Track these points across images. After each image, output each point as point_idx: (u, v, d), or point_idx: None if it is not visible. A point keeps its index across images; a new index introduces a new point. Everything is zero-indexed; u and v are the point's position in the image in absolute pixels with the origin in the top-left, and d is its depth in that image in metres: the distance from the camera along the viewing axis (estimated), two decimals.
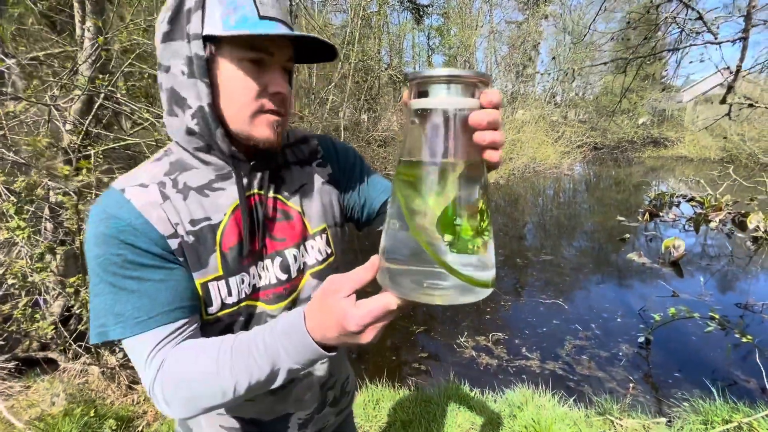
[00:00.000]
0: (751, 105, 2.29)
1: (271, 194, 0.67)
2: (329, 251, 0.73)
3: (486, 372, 2.95)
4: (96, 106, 2.50)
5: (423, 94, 0.38)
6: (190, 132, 0.58)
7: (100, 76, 2.43)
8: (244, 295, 0.63)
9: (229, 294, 0.61)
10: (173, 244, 0.57)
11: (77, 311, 2.31)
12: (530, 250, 5.77)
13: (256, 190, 0.65)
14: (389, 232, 0.41)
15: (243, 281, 0.63)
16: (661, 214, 7.08)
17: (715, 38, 3.38)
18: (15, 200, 2.03)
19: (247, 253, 0.63)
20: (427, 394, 2.36)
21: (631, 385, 2.65)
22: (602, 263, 5.24)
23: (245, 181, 0.64)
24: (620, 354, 3.12)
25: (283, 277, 0.67)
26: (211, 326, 0.62)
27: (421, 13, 15.36)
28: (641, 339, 3.25)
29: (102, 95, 2.42)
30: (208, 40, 0.55)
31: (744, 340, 2.89)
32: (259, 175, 0.65)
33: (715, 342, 3.24)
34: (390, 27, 14.49)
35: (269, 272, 0.66)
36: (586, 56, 13.24)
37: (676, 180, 11.48)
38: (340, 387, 0.82)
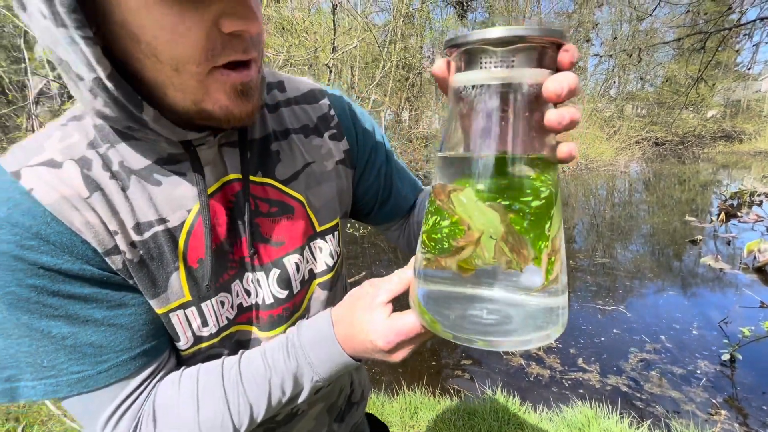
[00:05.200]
0: None
1: (259, 179, 0.46)
2: (338, 252, 0.53)
3: (537, 383, 2.66)
4: None
5: (471, 64, 0.28)
6: (102, 116, 0.36)
7: None
8: (226, 322, 0.45)
9: (204, 324, 0.43)
10: (114, 262, 0.37)
11: None
12: (581, 252, 5.30)
13: (234, 175, 0.44)
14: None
15: (223, 304, 0.44)
16: (739, 214, 6.28)
17: None
18: None
19: (228, 265, 0.44)
20: (471, 406, 2.13)
21: (722, 412, 2.24)
22: (668, 268, 4.68)
23: (210, 166, 0.42)
24: (698, 372, 2.69)
25: (283, 294, 0.48)
26: (186, 361, 0.45)
27: (465, 7, 14.96)
28: (725, 356, 2.79)
29: None
30: None
31: None
32: (237, 151, 0.44)
33: None
34: (432, 23, 14.19)
35: (262, 288, 0.47)
36: (647, 42, 12.20)
37: (754, 177, 10.22)
38: (345, 400, 0.64)
